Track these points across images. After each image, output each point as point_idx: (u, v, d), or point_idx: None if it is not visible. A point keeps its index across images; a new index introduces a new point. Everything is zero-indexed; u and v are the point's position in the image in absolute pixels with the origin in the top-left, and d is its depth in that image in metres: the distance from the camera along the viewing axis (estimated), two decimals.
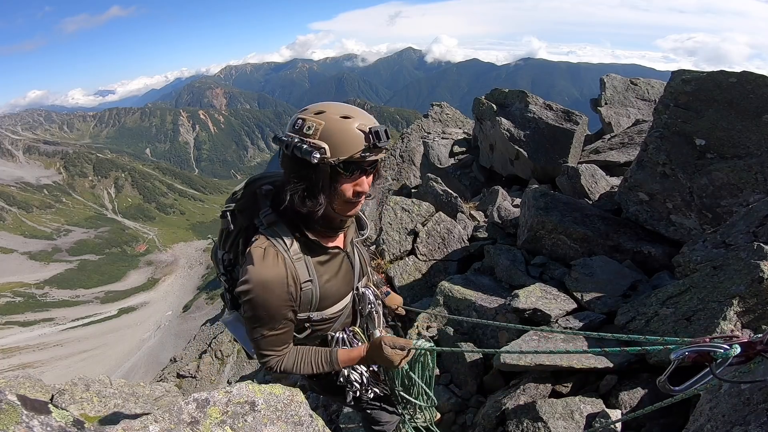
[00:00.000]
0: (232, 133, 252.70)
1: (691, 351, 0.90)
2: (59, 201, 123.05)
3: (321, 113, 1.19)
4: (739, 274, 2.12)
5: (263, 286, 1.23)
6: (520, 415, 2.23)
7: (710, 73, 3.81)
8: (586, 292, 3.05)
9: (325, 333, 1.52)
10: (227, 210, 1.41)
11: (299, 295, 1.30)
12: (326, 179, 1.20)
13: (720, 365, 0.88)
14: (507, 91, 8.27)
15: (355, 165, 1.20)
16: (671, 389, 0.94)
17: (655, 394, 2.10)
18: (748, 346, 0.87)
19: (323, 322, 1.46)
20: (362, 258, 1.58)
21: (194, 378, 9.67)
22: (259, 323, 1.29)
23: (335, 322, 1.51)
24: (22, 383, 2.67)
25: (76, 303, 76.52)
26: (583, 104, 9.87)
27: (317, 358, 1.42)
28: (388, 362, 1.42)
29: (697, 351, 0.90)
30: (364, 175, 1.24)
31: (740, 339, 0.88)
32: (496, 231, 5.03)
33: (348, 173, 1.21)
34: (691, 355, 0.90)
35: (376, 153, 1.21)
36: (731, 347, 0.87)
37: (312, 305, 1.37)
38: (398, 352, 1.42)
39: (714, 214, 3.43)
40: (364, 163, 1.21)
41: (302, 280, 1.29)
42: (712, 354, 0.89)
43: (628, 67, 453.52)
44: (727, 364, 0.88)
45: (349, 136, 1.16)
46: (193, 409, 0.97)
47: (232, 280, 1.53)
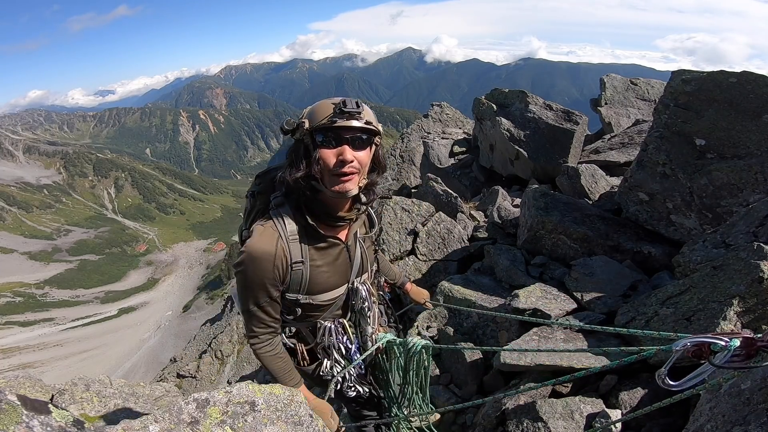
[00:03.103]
0: (232, 133, 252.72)
1: (692, 342, 0.91)
2: (59, 201, 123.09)
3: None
4: (739, 274, 2.12)
5: (252, 259, 1.34)
6: (520, 415, 2.23)
7: (710, 73, 3.81)
8: (586, 292, 3.05)
9: (314, 320, 1.57)
10: (252, 190, 1.54)
11: (289, 273, 1.39)
12: (309, 149, 1.33)
13: (719, 358, 0.89)
14: (507, 91, 8.27)
15: (329, 131, 1.29)
16: (669, 384, 0.95)
17: (656, 394, 2.10)
18: (748, 342, 0.87)
19: (312, 307, 1.51)
20: (365, 254, 1.60)
21: (194, 378, 9.68)
22: (245, 295, 1.41)
23: (325, 311, 1.55)
24: (22, 383, 2.67)
25: (76, 303, 76.50)
26: (583, 104, 9.86)
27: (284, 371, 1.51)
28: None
29: (698, 342, 0.91)
30: (346, 144, 1.30)
31: (740, 335, 0.88)
32: (496, 231, 5.03)
33: (323, 140, 1.30)
34: (692, 348, 0.91)
35: (347, 119, 1.27)
36: (731, 340, 0.87)
37: (301, 287, 1.44)
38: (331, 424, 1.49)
39: (714, 214, 3.43)
40: (340, 131, 1.29)
41: (293, 260, 1.38)
42: (712, 347, 0.89)
43: (628, 67, 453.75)
44: (726, 357, 0.88)
45: (321, 107, 1.32)
46: (193, 409, 0.97)
47: None
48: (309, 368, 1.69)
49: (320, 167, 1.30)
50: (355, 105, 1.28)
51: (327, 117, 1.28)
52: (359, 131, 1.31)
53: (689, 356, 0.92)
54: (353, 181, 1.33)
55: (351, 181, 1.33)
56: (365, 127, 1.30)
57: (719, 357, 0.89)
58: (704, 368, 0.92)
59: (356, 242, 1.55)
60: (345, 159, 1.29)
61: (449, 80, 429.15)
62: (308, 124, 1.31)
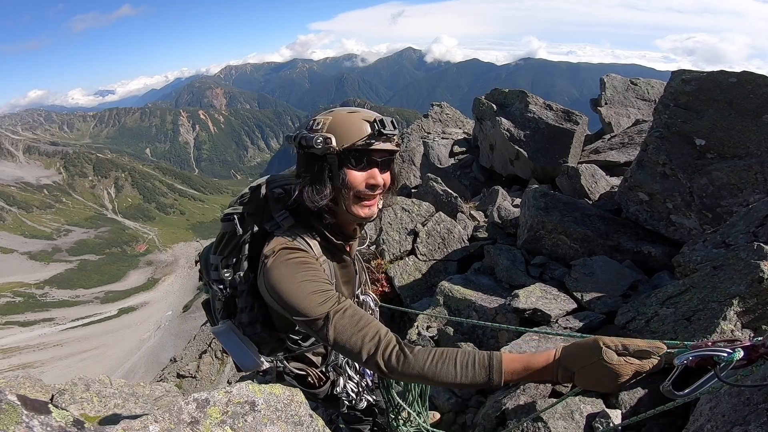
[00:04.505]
0: (232, 133, 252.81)
1: (694, 356, 0.91)
2: (59, 201, 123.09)
3: (330, 111, 1.23)
4: (739, 274, 2.12)
5: (298, 247, 1.19)
6: (520, 415, 2.23)
7: (710, 73, 3.81)
8: (586, 292, 3.05)
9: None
10: (234, 213, 1.33)
11: None
12: (334, 169, 1.19)
13: (724, 369, 0.89)
14: (507, 91, 8.27)
15: (362, 153, 1.18)
16: (676, 395, 0.95)
17: (655, 394, 2.10)
18: (750, 350, 0.87)
19: None
20: (362, 266, 1.61)
21: (194, 378, 9.67)
22: (298, 276, 1.13)
23: None
24: (22, 383, 2.67)
25: (76, 303, 76.49)
26: (583, 104, 9.86)
27: (464, 358, 0.99)
28: (608, 377, 0.90)
29: (701, 356, 0.90)
30: (375, 167, 1.20)
31: (743, 343, 0.88)
32: (496, 231, 5.03)
33: (354, 162, 1.18)
34: (695, 359, 0.91)
35: (383, 141, 1.18)
36: (734, 351, 0.87)
37: None
38: (631, 362, 0.90)
39: (714, 214, 3.43)
40: (373, 153, 1.18)
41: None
42: (715, 358, 0.89)
43: (628, 67, 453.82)
44: (730, 368, 0.88)
45: (354, 125, 1.17)
46: (193, 409, 0.97)
47: (233, 287, 1.41)
48: (321, 390, 1.62)
49: (347, 190, 1.20)
50: (392, 126, 1.17)
51: (363, 138, 1.15)
52: (390, 153, 1.22)
53: (692, 365, 0.92)
54: (376, 203, 1.26)
55: (375, 205, 1.26)
56: (396, 149, 1.23)
57: (723, 370, 0.89)
58: (709, 379, 0.91)
59: (355, 256, 1.54)
60: (376, 183, 1.20)
61: (449, 80, 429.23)
62: (335, 141, 1.15)
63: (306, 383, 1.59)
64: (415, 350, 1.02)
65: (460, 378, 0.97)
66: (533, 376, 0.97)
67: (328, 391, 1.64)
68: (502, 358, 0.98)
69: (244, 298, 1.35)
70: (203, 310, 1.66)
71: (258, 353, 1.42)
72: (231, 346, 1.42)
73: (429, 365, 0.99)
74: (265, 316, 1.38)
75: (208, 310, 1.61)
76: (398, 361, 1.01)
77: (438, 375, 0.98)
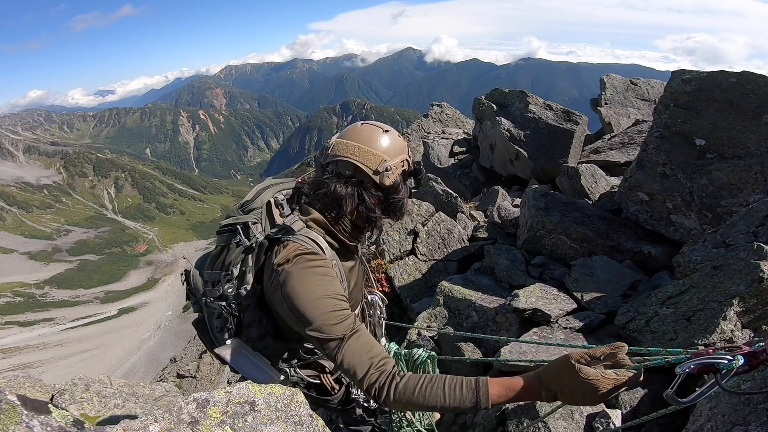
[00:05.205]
0: (232, 133, 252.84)
1: (696, 364, 0.92)
2: (59, 201, 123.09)
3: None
4: (739, 274, 2.12)
5: (314, 251, 1.20)
6: (520, 415, 2.23)
7: (710, 73, 3.81)
8: (586, 292, 3.06)
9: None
10: (237, 223, 1.28)
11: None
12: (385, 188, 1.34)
13: (725, 376, 0.89)
14: (507, 91, 8.27)
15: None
16: (680, 402, 0.95)
17: (655, 395, 2.10)
18: (751, 357, 0.87)
19: None
20: (366, 266, 1.63)
21: (194, 378, 9.67)
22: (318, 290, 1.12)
23: None
24: (22, 383, 2.67)
25: (76, 303, 76.48)
26: (583, 104, 9.86)
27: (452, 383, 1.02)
28: (589, 392, 0.92)
29: (702, 364, 0.91)
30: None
31: (743, 350, 0.89)
32: (496, 231, 5.03)
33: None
34: (696, 367, 0.92)
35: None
36: (735, 358, 0.87)
37: None
38: (608, 376, 0.91)
39: (714, 214, 3.43)
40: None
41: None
42: (716, 365, 0.90)
43: (628, 67, 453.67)
44: (731, 375, 0.89)
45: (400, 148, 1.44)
46: (193, 409, 0.97)
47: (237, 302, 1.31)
48: (336, 397, 1.60)
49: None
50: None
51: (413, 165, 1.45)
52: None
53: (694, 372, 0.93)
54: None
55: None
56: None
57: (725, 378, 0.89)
58: (711, 386, 0.92)
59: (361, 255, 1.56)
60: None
61: (449, 80, 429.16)
62: (404, 163, 1.40)
63: (321, 390, 1.57)
64: (406, 377, 1.06)
65: (449, 401, 1.01)
66: (519, 396, 1.01)
67: (343, 396, 1.62)
68: (488, 382, 1.01)
69: (252, 312, 1.31)
70: (195, 330, 1.53)
71: (271, 366, 1.37)
72: (242, 364, 1.36)
73: (419, 391, 1.03)
74: (275, 327, 1.35)
75: (202, 330, 1.48)
76: (395, 392, 1.05)
77: (428, 399, 1.02)
